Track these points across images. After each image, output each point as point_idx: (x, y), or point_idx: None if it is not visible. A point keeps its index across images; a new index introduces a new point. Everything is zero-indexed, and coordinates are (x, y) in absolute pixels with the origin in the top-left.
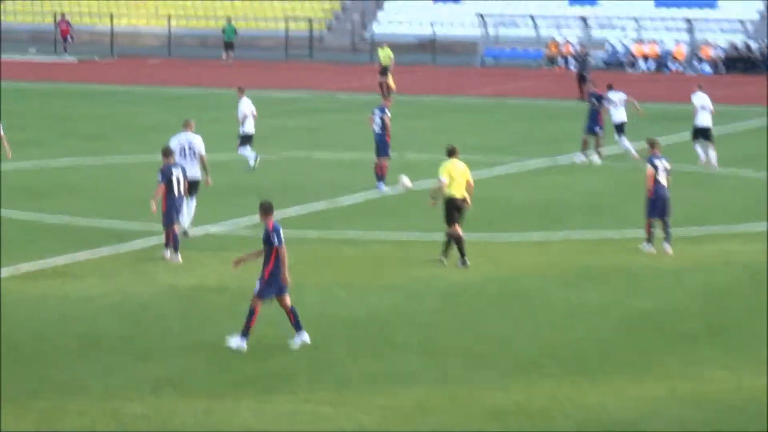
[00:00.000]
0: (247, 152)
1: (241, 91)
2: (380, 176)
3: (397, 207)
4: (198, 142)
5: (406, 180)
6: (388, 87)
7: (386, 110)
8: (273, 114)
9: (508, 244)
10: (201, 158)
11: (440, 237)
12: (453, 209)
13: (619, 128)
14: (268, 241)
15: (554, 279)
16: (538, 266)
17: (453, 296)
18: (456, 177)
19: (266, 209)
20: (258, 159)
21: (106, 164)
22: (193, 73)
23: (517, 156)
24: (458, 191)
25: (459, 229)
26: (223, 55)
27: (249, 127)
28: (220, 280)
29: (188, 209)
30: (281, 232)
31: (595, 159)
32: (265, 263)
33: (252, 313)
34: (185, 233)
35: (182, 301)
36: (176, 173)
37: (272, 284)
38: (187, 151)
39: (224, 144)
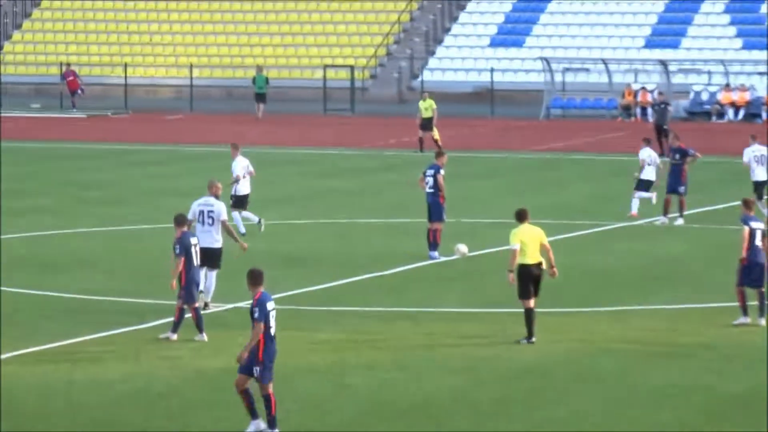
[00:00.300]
0: (245, 215)
1: (236, 148)
2: (433, 243)
3: (453, 278)
4: (219, 208)
5: (463, 248)
6: (437, 142)
7: (440, 169)
8: (310, 175)
9: (580, 317)
10: (223, 225)
11: (502, 310)
12: (527, 279)
13: (645, 185)
14: (252, 314)
15: (632, 357)
16: (613, 343)
17: (517, 379)
18: (529, 242)
19: (254, 278)
20: (263, 222)
21: (121, 233)
22: (219, 130)
23: (590, 219)
24: (532, 257)
25: (532, 303)
26: (258, 109)
27: (243, 188)
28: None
29: (207, 282)
30: (267, 305)
31: (679, 221)
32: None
33: (268, 400)
34: (206, 305)
35: (210, 386)
36: (194, 242)
37: (271, 365)
38: (205, 218)
39: (256, 209)
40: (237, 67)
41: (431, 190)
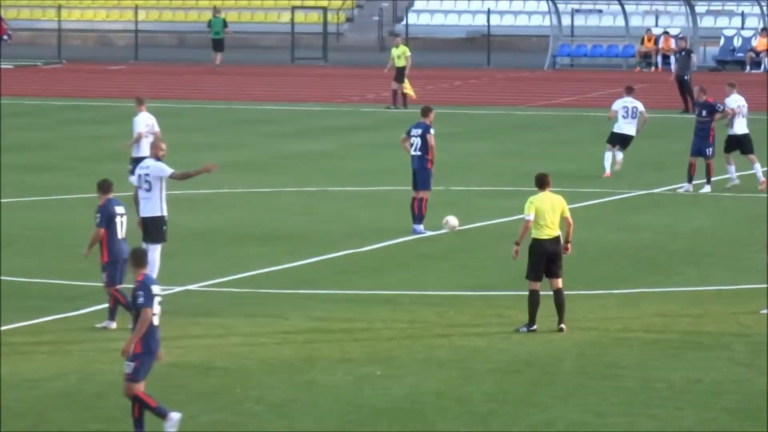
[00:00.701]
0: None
1: (140, 102)
2: (418, 216)
3: (441, 256)
4: (155, 168)
5: (452, 221)
6: (404, 96)
7: (430, 128)
8: (276, 135)
9: (589, 300)
10: (174, 177)
11: (498, 293)
12: (539, 257)
13: (623, 141)
14: (134, 299)
15: (651, 348)
16: (629, 331)
17: (515, 373)
18: (546, 213)
19: (137, 259)
20: None
21: (52, 204)
22: (169, 82)
23: (603, 186)
24: (548, 231)
25: (538, 286)
26: (215, 58)
27: (146, 150)
28: (206, 356)
29: (149, 258)
30: (152, 289)
31: (705, 189)
32: (136, 333)
33: (139, 400)
34: None
35: (156, 384)
36: (119, 211)
37: (149, 360)
38: (143, 182)
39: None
40: (189, 8)
41: (418, 153)
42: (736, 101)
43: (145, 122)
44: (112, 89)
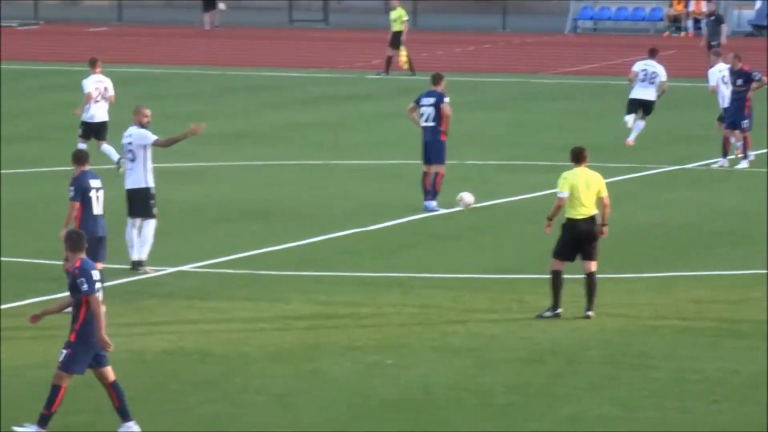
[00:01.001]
0: (105, 150)
1: (94, 64)
2: (431, 191)
3: (455, 235)
4: (138, 135)
5: (467, 197)
6: (409, 62)
7: (444, 97)
8: (274, 104)
9: (618, 285)
10: (158, 144)
11: (517, 276)
12: (572, 237)
13: (643, 107)
14: (75, 287)
15: (683, 337)
16: (660, 318)
17: (537, 363)
18: (582, 191)
19: (74, 242)
20: (122, 163)
21: (34, 178)
22: (156, 46)
23: (631, 161)
24: (583, 210)
25: (561, 266)
26: (206, 19)
27: (99, 114)
28: (202, 343)
29: (141, 235)
30: (94, 273)
31: (742, 164)
32: (74, 321)
33: (56, 392)
34: (140, 264)
35: (147, 373)
36: (95, 185)
37: (85, 351)
38: (126, 152)
39: (204, 146)
40: None
41: (430, 124)
42: (720, 71)
43: (95, 84)
44: (92, 53)
